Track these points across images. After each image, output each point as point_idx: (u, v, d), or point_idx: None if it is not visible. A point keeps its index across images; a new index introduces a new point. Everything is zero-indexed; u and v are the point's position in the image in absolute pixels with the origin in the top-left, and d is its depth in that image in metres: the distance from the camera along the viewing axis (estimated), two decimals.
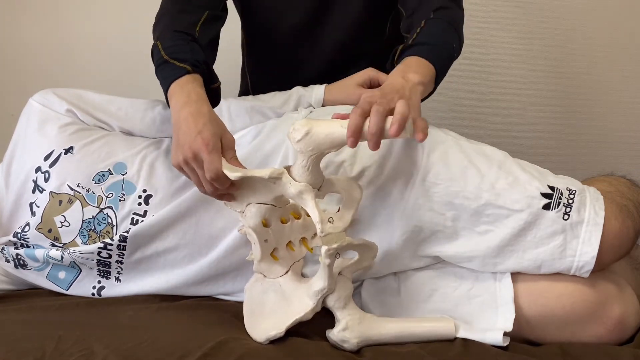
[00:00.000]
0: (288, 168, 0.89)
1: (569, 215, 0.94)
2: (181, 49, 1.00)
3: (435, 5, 1.06)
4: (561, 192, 0.96)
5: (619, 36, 1.74)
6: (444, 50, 1.02)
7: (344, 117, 0.86)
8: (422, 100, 0.97)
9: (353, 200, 0.91)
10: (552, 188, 0.96)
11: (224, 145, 0.91)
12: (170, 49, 0.99)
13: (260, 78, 1.34)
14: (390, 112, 0.82)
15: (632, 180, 1.04)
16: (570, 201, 0.95)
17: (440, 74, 0.99)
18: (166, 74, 0.97)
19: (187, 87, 0.94)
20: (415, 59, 0.97)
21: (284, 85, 1.20)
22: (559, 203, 0.95)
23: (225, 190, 0.91)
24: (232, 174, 0.87)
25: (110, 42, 1.89)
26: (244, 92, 1.40)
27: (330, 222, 0.87)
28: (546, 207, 0.95)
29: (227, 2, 1.17)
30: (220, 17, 1.14)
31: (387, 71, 1.04)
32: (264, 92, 1.21)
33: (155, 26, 1.07)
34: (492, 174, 0.97)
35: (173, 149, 0.92)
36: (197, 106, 0.92)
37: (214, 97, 1.02)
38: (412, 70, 0.94)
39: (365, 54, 1.25)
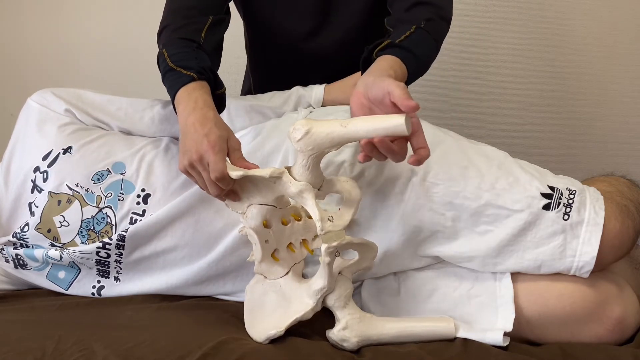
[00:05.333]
0: (289, 168, 0.89)
1: (569, 215, 0.94)
2: (186, 56, 1.00)
3: (426, 16, 1.04)
4: (561, 192, 0.96)
5: (619, 36, 1.75)
6: (423, 68, 1.02)
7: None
8: None
9: (353, 201, 0.91)
10: (552, 188, 0.96)
11: (230, 147, 0.91)
12: (175, 57, 0.99)
13: (263, 79, 1.34)
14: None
15: (632, 180, 1.04)
16: (570, 201, 0.95)
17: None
18: (172, 81, 0.97)
19: (194, 94, 0.94)
20: (403, 69, 0.95)
21: (286, 87, 1.20)
22: (559, 203, 0.95)
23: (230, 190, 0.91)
24: (234, 172, 0.88)
25: (109, 42, 1.89)
26: (247, 91, 1.40)
27: (330, 220, 0.87)
28: (546, 207, 0.95)
29: (230, 3, 1.17)
30: (223, 20, 1.13)
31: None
32: (266, 92, 1.21)
33: (160, 35, 1.07)
34: (492, 174, 0.97)
35: (180, 154, 0.92)
36: (203, 112, 0.92)
37: (219, 102, 1.02)
38: (400, 80, 0.92)
39: None
